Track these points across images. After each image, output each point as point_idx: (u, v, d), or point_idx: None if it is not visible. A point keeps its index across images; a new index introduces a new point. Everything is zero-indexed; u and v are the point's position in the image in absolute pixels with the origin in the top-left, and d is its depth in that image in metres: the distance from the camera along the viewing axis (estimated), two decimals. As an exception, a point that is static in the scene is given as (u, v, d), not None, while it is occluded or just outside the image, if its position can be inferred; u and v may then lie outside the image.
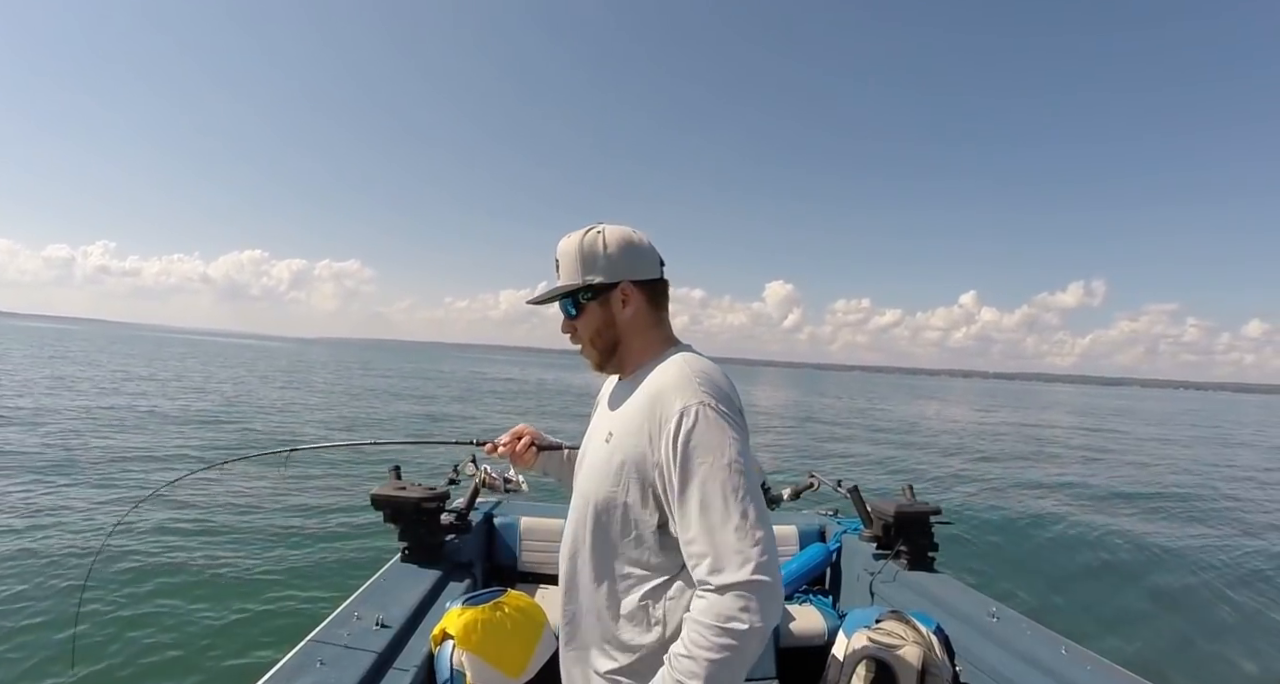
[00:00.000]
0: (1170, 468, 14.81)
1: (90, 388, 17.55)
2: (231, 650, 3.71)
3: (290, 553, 5.30)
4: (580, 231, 1.13)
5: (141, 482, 7.19)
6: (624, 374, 1.19)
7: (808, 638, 2.73)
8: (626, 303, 1.12)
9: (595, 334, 1.15)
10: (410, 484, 2.66)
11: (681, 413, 0.98)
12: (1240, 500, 11.23)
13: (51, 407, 12.79)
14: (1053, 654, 2.10)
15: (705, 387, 1.01)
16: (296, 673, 1.67)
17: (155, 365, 28.15)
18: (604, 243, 1.11)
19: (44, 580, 4.35)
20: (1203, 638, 5.45)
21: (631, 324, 1.14)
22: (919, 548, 2.91)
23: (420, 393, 25.38)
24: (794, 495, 3.29)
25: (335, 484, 7.59)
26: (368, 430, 13.04)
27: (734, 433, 0.98)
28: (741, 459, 0.97)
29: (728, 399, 1.01)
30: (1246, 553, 7.74)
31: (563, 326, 1.19)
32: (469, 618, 1.91)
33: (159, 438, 10.39)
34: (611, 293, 1.12)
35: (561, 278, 1.14)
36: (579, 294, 1.13)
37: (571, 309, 1.15)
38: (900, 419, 26.14)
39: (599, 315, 1.13)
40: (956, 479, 11.79)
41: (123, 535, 5.16)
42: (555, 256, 1.15)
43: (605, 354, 1.17)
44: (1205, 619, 5.91)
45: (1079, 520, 8.82)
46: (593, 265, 1.10)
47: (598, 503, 1.09)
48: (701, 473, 0.95)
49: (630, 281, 1.12)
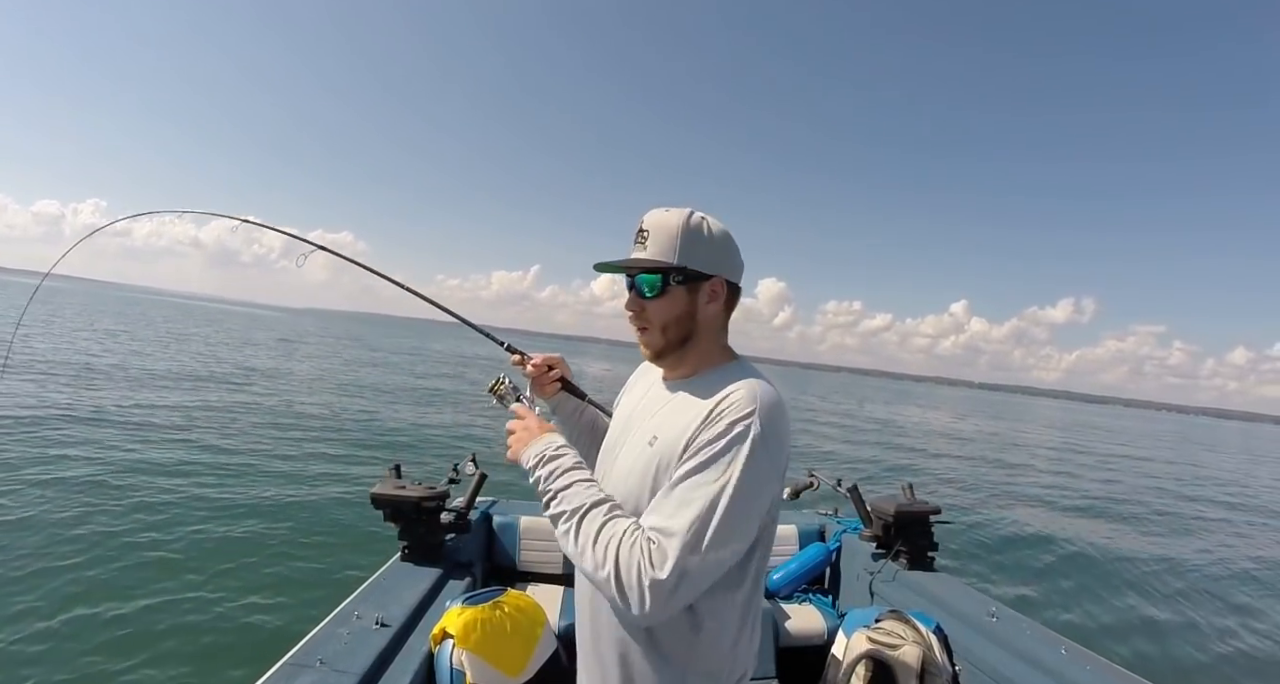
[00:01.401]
0: (1162, 481, 14.88)
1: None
2: (231, 650, 3.71)
3: (290, 552, 5.29)
4: (682, 210, 1.04)
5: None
6: (678, 372, 1.10)
7: (807, 637, 2.73)
8: (713, 299, 1.05)
9: (673, 321, 1.05)
10: (410, 483, 2.66)
11: (731, 428, 0.93)
12: (1234, 509, 11.28)
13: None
14: (1053, 654, 2.10)
15: (767, 421, 0.94)
16: (296, 672, 1.67)
17: (154, 329, 28.22)
18: (709, 230, 1.04)
19: (40, 567, 4.35)
20: (1200, 638, 5.46)
21: (709, 322, 1.07)
22: (919, 548, 2.91)
23: (415, 370, 25.35)
24: (794, 495, 3.30)
25: (335, 483, 7.58)
26: (364, 401, 13.05)
27: (763, 472, 0.93)
28: (749, 499, 0.91)
29: (778, 441, 0.95)
30: (1238, 558, 7.76)
31: (629, 303, 1.08)
32: (469, 617, 1.91)
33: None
34: (703, 284, 1.04)
35: (650, 252, 1.03)
36: (670, 274, 1.03)
37: (656, 288, 1.04)
38: (893, 424, 26.17)
39: (683, 303, 1.04)
40: (956, 479, 11.80)
41: (120, 534, 5.16)
42: (642, 227, 1.04)
43: (673, 345, 1.07)
44: (1204, 619, 5.93)
45: (1079, 521, 8.83)
46: (692, 250, 1.02)
47: (635, 510, 1.00)
48: (707, 478, 0.91)
49: (724, 279, 1.05)
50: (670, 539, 0.88)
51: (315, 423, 11.19)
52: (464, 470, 2.89)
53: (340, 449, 9.14)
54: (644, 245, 1.04)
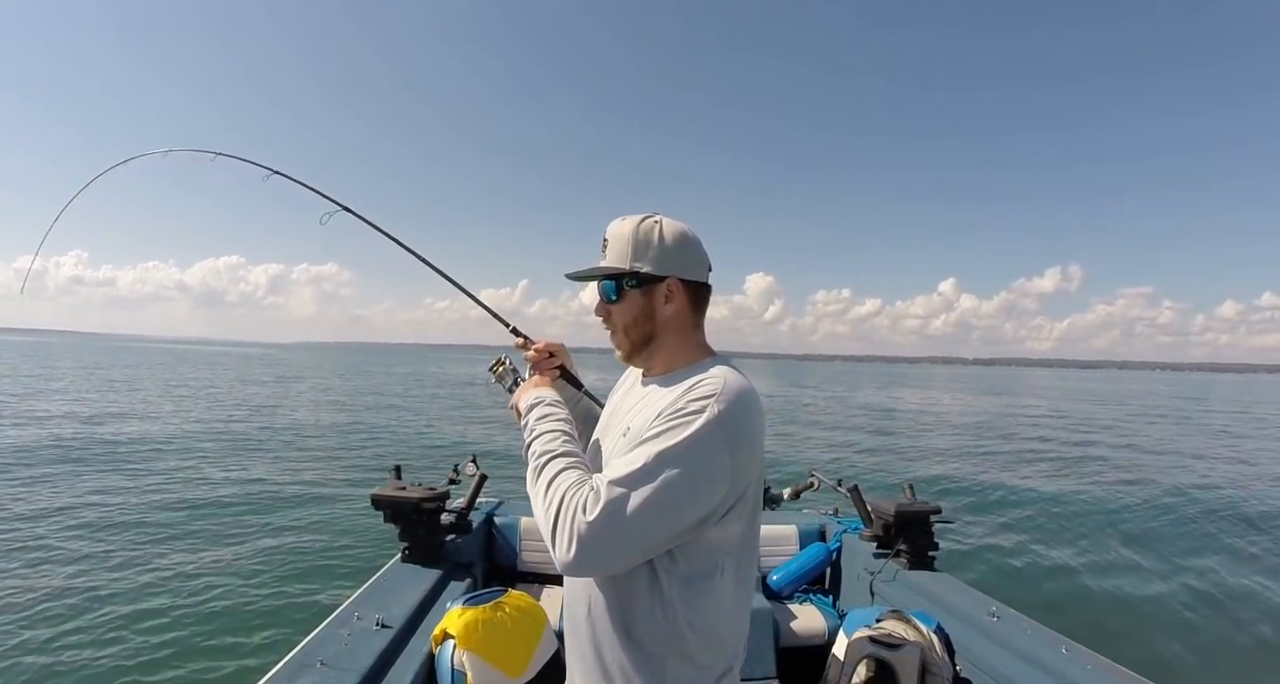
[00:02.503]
0: (1167, 462, 14.80)
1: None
2: (231, 650, 3.71)
3: (290, 553, 5.30)
4: (636, 217, 1.10)
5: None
6: (652, 371, 1.16)
7: (808, 637, 2.73)
8: (669, 299, 1.09)
9: (631, 324, 1.11)
10: (410, 484, 2.66)
11: (690, 404, 0.95)
12: (1245, 490, 11.15)
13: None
14: (1053, 654, 2.10)
15: (729, 409, 0.96)
16: (297, 673, 1.67)
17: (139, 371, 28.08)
18: (660, 234, 1.09)
19: (49, 569, 4.35)
20: (1203, 636, 5.45)
21: (670, 322, 1.11)
22: (919, 547, 2.91)
23: (410, 394, 25.42)
24: (794, 495, 3.29)
25: (335, 484, 7.59)
26: (363, 430, 13.05)
27: (714, 446, 0.93)
28: (693, 467, 0.92)
29: (737, 424, 0.96)
30: (1247, 550, 7.74)
31: (597, 309, 1.16)
32: (469, 618, 1.91)
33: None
34: (657, 286, 1.09)
35: (608, 259, 1.10)
36: (623, 279, 1.09)
37: (612, 294, 1.11)
38: (886, 411, 26.12)
39: (639, 305, 1.10)
40: (955, 478, 11.80)
41: (122, 536, 5.16)
42: (605, 236, 1.11)
43: (637, 346, 1.13)
44: (1203, 619, 5.92)
45: (1078, 523, 8.82)
46: (643, 254, 1.08)
47: None
48: (655, 444, 0.93)
49: (677, 279, 1.09)
50: (607, 488, 0.91)
51: (320, 444, 11.18)
52: (464, 471, 2.89)
53: (344, 460, 9.13)
54: (605, 253, 1.11)
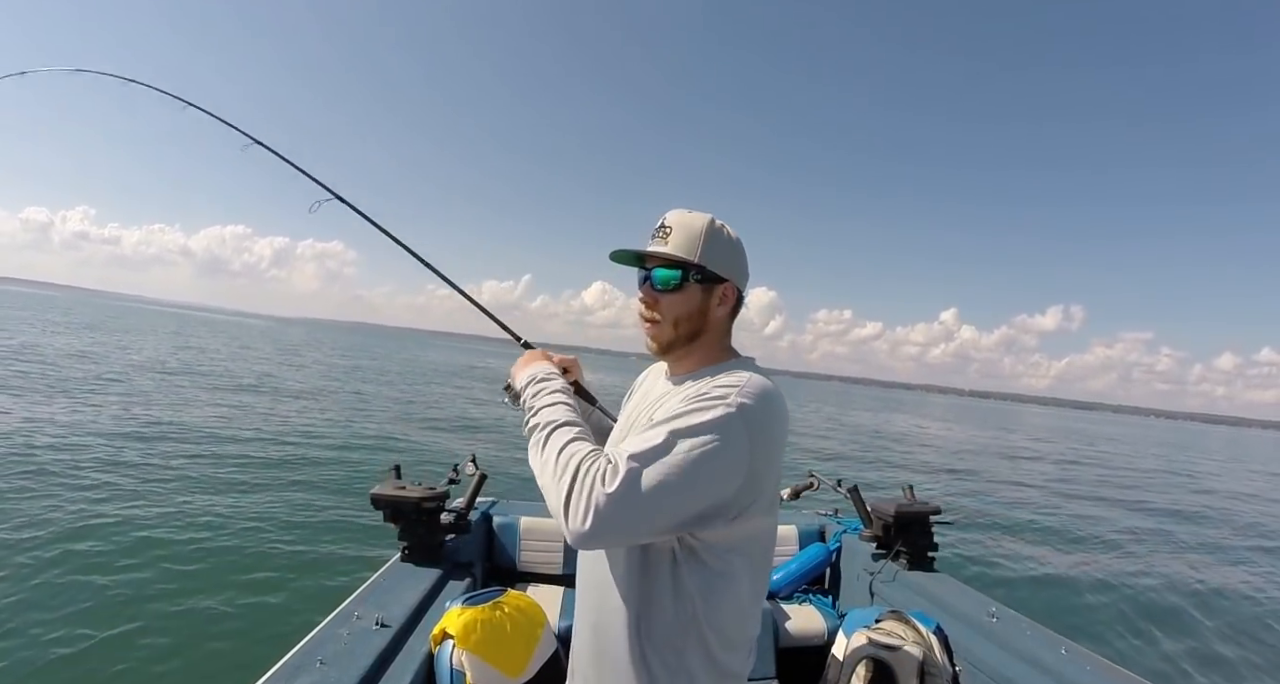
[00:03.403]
0: (1160, 484, 14.87)
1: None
2: (230, 650, 3.71)
3: (290, 552, 5.29)
4: (703, 214, 1.09)
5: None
6: (682, 367, 1.13)
7: (807, 638, 2.73)
8: (723, 302, 1.10)
9: (685, 317, 1.08)
10: (410, 484, 2.66)
11: (714, 391, 0.94)
12: (1229, 513, 11.26)
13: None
14: (1053, 654, 2.10)
15: (754, 404, 0.95)
16: (296, 673, 1.67)
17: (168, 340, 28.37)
18: (727, 237, 1.08)
19: (42, 568, 4.35)
20: (1199, 638, 5.46)
21: (717, 323, 1.11)
22: (919, 548, 2.91)
23: (409, 381, 25.45)
24: (794, 495, 3.30)
25: (335, 484, 7.59)
26: (359, 413, 13.06)
27: (735, 434, 0.92)
28: (713, 449, 0.90)
29: (760, 427, 0.94)
30: (1236, 559, 7.75)
31: (644, 294, 1.10)
32: (469, 618, 1.91)
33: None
34: (717, 286, 1.08)
35: (671, 247, 1.06)
36: (690, 271, 1.07)
37: (674, 281, 1.07)
38: (881, 432, 26.14)
39: (696, 301, 1.08)
40: (955, 479, 11.80)
41: (121, 534, 5.16)
42: (664, 223, 1.08)
43: (682, 340, 1.10)
44: (1203, 618, 5.93)
45: (1078, 521, 8.83)
46: (711, 252, 1.06)
47: None
48: (676, 423, 0.91)
49: (734, 285, 1.10)
50: (626, 462, 0.89)
51: (313, 433, 11.18)
52: (464, 471, 2.88)
53: (338, 457, 9.14)
54: (664, 240, 1.07)
